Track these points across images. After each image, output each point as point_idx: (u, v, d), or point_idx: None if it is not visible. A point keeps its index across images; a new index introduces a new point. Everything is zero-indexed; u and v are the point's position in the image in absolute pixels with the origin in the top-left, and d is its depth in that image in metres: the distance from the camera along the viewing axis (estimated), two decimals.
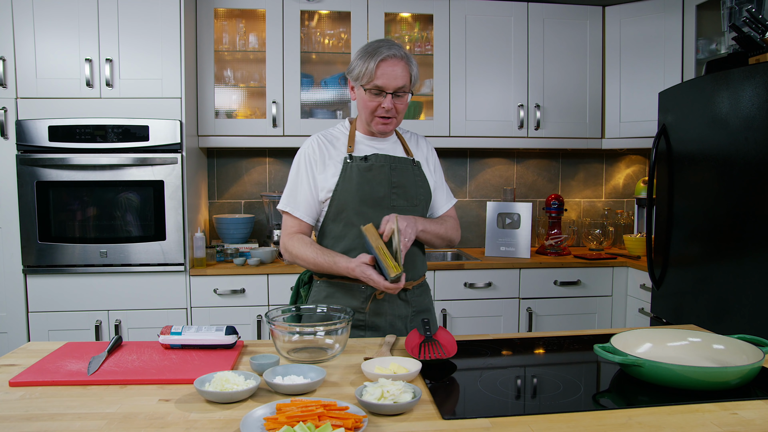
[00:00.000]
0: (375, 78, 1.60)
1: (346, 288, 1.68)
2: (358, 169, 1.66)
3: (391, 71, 1.60)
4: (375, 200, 1.66)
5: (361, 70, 1.62)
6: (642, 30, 3.24)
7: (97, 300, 2.77)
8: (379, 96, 1.63)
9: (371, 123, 1.69)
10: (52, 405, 1.11)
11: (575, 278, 3.10)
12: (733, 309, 2.20)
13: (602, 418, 1.06)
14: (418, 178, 1.75)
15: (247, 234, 3.21)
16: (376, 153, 1.70)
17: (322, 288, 1.72)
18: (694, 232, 2.43)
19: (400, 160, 1.72)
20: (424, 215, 1.77)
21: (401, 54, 1.63)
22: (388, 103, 1.62)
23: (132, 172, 2.76)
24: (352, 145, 1.71)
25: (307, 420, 0.96)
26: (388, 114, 1.65)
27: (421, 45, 3.32)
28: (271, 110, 3.09)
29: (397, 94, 1.63)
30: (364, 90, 1.64)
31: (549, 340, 1.58)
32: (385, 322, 1.70)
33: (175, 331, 1.43)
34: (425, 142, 1.86)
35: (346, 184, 1.66)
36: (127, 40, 2.76)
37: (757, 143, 2.08)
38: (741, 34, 2.33)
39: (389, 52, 1.61)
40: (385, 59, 1.60)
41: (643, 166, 3.79)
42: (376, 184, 1.66)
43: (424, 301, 1.79)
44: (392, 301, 1.70)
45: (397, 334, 1.66)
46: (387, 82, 1.61)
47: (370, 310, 1.68)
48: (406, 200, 1.71)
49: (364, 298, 1.67)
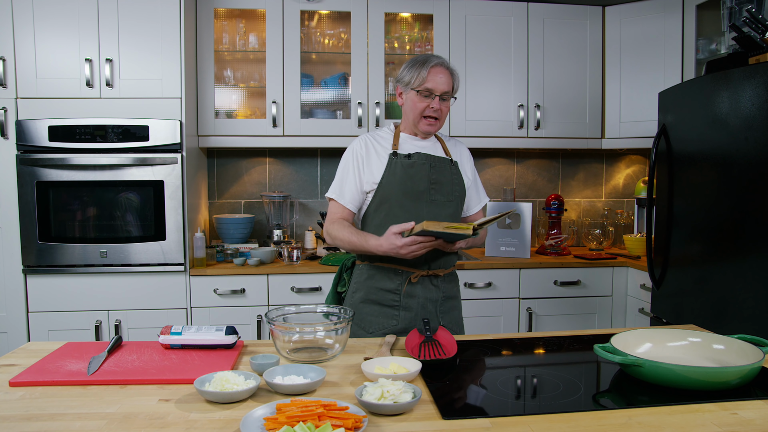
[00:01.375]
0: (426, 81, 1.82)
1: (384, 271, 1.85)
2: (402, 165, 1.84)
3: (440, 77, 1.83)
4: (416, 194, 1.84)
5: (413, 75, 1.84)
6: (642, 30, 3.24)
7: (97, 300, 2.77)
8: (429, 98, 1.83)
9: (419, 123, 1.87)
10: (52, 405, 1.11)
11: (575, 278, 3.10)
12: (733, 309, 2.20)
13: (602, 418, 1.06)
14: (455, 176, 1.92)
15: (247, 234, 3.21)
16: (419, 152, 1.87)
17: (363, 270, 1.90)
18: (694, 232, 2.43)
19: (439, 160, 1.89)
20: (458, 210, 1.94)
21: (448, 65, 1.87)
22: (437, 104, 1.83)
23: (132, 172, 2.76)
24: (397, 144, 1.89)
25: (307, 420, 0.96)
26: (435, 114, 1.84)
27: (421, 45, 3.32)
28: (271, 110, 3.09)
29: (442, 98, 1.84)
30: (416, 92, 1.84)
31: (549, 340, 1.58)
32: (417, 304, 1.85)
33: (175, 331, 1.43)
34: (462, 145, 2.04)
35: (391, 178, 1.83)
36: (127, 40, 2.76)
37: (757, 143, 2.08)
38: (741, 34, 2.33)
39: (438, 60, 1.85)
40: (435, 66, 1.83)
41: (643, 166, 3.79)
42: (417, 179, 1.84)
43: (453, 288, 1.96)
44: (425, 285, 1.86)
45: (428, 317, 1.83)
46: (436, 86, 1.82)
47: (405, 292, 1.84)
48: (443, 195, 1.88)
49: (400, 281, 1.84)
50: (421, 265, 1.85)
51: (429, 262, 1.86)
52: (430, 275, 1.86)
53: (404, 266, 1.83)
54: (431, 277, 1.87)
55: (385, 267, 1.86)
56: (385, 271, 1.86)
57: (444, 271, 1.90)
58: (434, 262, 1.87)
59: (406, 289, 1.85)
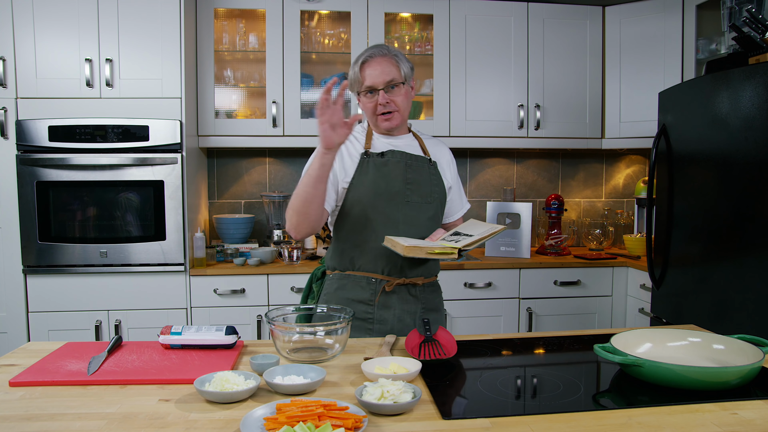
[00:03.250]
0: (364, 80, 1.69)
1: (356, 280, 1.72)
2: (374, 165, 1.70)
3: (376, 69, 1.68)
4: (390, 194, 1.70)
5: (352, 79, 1.72)
6: (642, 30, 3.24)
7: (97, 300, 2.77)
8: (374, 96, 1.70)
9: (377, 123, 1.74)
10: (52, 405, 1.11)
11: (575, 278, 3.10)
12: (733, 309, 2.20)
13: (602, 418, 1.06)
14: (434, 176, 1.78)
15: (247, 234, 3.21)
16: (393, 150, 1.74)
17: (333, 281, 1.75)
18: (694, 232, 2.43)
19: (416, 158, 1.76)
20: (439, 213, 1.81)
21: (383, 52, 1.70)
22: (383, 98, 1.69)
23: (132, 172, 2.76)
24: (369, 143, 1.75)
25: (307, 420, 0.96)
26: (387, 108, 1.70)
27: (421, 45, 3.32)
28: (271, 110, 3.09)
29: (390, 87, 1.69)
30: (360, 95, 1.73)
31: (549, 340, 1.58)
32: (393, 317, 1.71)
33: (175, 331, 1.43)
34: (444, 146, 1.91)
35: (363, 178, 1.69)
36: (127, 40, 2.76)
37: (757, 143, 2.08)
38: (741, 34, 2.33)
39: (370, 52, 1.70)
40: (366, 61, 1.70)
41: (643, 166, 3.79)
42: (391, 178, 1.70)
43: (435, 300, 1.81)
44: (402, 295, 1.72)
45: (406, 330, 1.69)
46: (374, 80, 1.68)
47: (379, 303, 1.70)
48: (420, 196, 1.74)
49: (373, 291, 1.70)
50: (397, 272, 1.70)
51: (405, 270, 1.71)
52: (407, 284, 1.72)
53: (377, 274, 1.70)
54: (409, 287, 1.72)
55: (357, 275, 1.71)
56: (356, 279, 1.71)
57: (423, 280, 1.75)
58: (411, 270, 1.72)
59: (380, 299, 1.70)
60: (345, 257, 1.74)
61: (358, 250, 1.72)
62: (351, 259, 1.73)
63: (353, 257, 1.73)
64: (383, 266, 1.70)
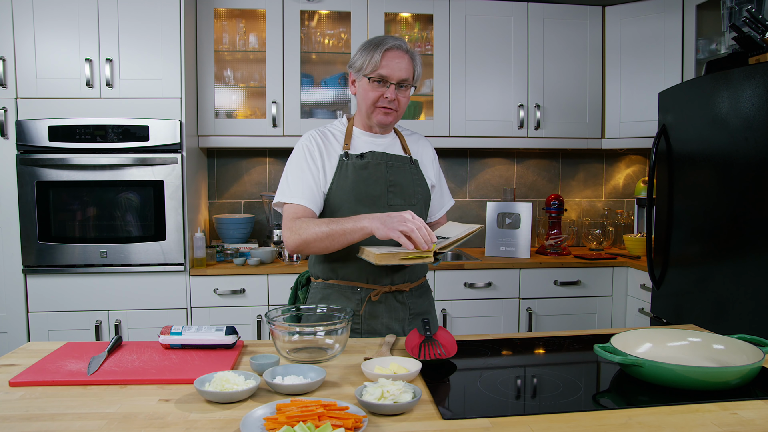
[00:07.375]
0: (380, 67, 1.59)
1: (341, 290, 1.66)
2: (354, 167, 1.62)
3: (396, 62, 1.59)
4: (371, 199, 1.63)
5: (365, 60, 1.60)
6: (642, 30, 3.24)
7: (97, 300, 2.77)
8: (382, 86, 1.61)
9: (372, 114, 1.65)
10: (52, 405, 1.11)
11: (575, 278, 3.10)
12: (733, 309, 2.20)
13: (602, 418, 1.06)
14: (416, 176, 1.72)
15: (247, 234, 3.21)
16: (373, 150, 1.67)
17: (318, 289, 1.70)
18: (694, 232, 2.43)
19: (397, 158, 1.69)
20: (423, 214, 1.74)
21: (406, 48, 1.63)
22: (391, 93, 1.60)
23: (132, 172, 2.76)
24: (349, 143, 1.66)
25: (307, 420, 0.96)
26: (391, 105, 1.62)
27: (421, 45, 3.32)
28: (271, 110, 3.09)
29: (399, 86, 1.62)
30: (368, 80, 1.61)
31: (549, 340, 1.58)
32: (381, 326, 1.66)
33: (175, 331, 1.43)
34: (426, 142, 1.84)
35: (342, 182, 1.62)
36: (127, 40, 2.76)
37: (757, 143, 2.08)
38: (741, 34, 2.33)
39: (395, 42, 1.61)
40: (390, 49, 1.59)
41: (643, 166, 3.79)
42: (372, 182, 1.63)
43: (423, 303, 1.75)
44: (389, 303, 1.67)
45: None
46: (391, 72, 1.59)
47: (365, 313, 1.64)
48: (403, 199, 1.67)
49: (358, 301, 1.64)
50: (382, 279, 1.63)
51: (391, 276, 1.64)
52: (394, 291, 1.66)
53: (362, 283, 1.63)
54: (395, 294, 1.66)
55: (342, 285, 1.65)
56: (340, 289, 1.65)
57: (410, 285, 1.68)
58: (397, 275, 1.65)
59: (366, 309, 1.63)
60: (327, 266, 1.68)
61: (340, 259, 1.65)
62: (333, 269, 1.67)
63: (336, 266, 1.66)
64: (367, 275, 1.63)
